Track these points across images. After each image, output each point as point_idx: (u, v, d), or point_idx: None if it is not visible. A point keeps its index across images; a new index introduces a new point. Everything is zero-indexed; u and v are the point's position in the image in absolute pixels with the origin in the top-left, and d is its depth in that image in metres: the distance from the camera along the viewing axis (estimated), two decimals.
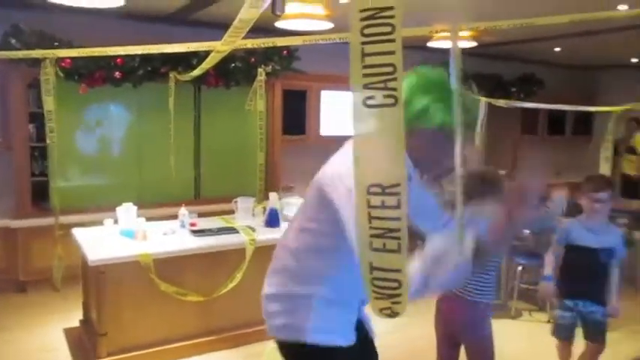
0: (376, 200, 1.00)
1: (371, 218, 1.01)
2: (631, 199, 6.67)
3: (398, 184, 0.99)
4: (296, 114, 6.23)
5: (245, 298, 3.86)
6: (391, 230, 1.01)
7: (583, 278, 3.14)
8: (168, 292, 3.53)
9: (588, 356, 3.18)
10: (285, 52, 5.63)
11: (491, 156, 7.84)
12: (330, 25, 4.30)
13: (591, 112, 8.34)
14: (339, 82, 6.10)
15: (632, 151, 8.33)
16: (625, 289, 5.03)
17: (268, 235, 3.94)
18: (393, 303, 1.08)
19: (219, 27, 4.10)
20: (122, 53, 4.39)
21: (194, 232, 3.91)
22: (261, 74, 5.23)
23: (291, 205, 4.41)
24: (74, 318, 4.11)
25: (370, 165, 1.01)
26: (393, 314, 1.11)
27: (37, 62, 4.34)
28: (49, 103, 4.32)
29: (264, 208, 4.38)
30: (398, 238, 1.01)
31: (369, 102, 0.99)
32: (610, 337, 3.15)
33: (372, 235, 1.02)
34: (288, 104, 6.10)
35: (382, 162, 1.00)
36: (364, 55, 0.99)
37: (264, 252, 3.86)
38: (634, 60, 8.24)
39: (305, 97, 6.31)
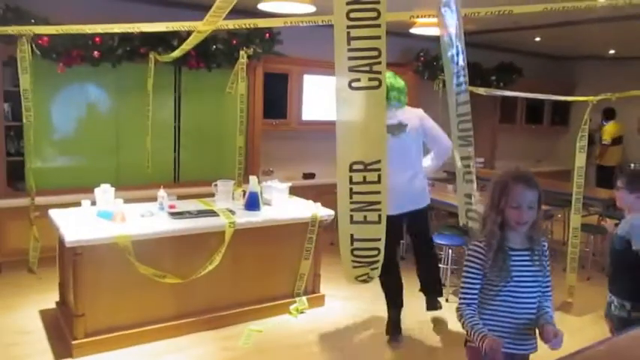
0: (358, 177, 1.03)
1: (352, 194, 1.04)
2: (605, 188, 6.77)
3: (379, 161, 1.03)
4: (277, 98, 6.19)
5: (223, 280, 3.88)
6: (372, 203, 1.05)
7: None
8: (147, 274, 3.51)
9: None
10: (267, 34, 5.59)
11: None
12: (312, 9, 4.29)
13: (569, 103, 8.45)
14: (322, 66, 6.07)
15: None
16: (595, 274, 5.17)
17: (248, 219, 3.95)
18: (372, 269, 1.15)
19: (199, 9, 4.06)
20: (100, 31, 4.31)
21: (173, 214, 3.89)
22: (242, 57, 5.18)
23: (270, 189, 4.41)
24: (50, 300, 4.07)
25: (353, 144, 1.04)
26: (369, 279, 1.19)
27: (13, 39, 4.23)
28: (25, 81, 4.23)
29: (244, 192, 4.37)
30: (379, 210, 1.06)
31: (355, 84, 1.02)
32: (576, 322, 3.06)
33: (352, 210, 1.06)
34: (270, 88, 6.07)
35: (364, 141, 1.03)
36: (350, 38, 1.01)
37: (244, 235, 3.89)
38: (611, 51, 8.37)
39: (286, 81, 6.27)
